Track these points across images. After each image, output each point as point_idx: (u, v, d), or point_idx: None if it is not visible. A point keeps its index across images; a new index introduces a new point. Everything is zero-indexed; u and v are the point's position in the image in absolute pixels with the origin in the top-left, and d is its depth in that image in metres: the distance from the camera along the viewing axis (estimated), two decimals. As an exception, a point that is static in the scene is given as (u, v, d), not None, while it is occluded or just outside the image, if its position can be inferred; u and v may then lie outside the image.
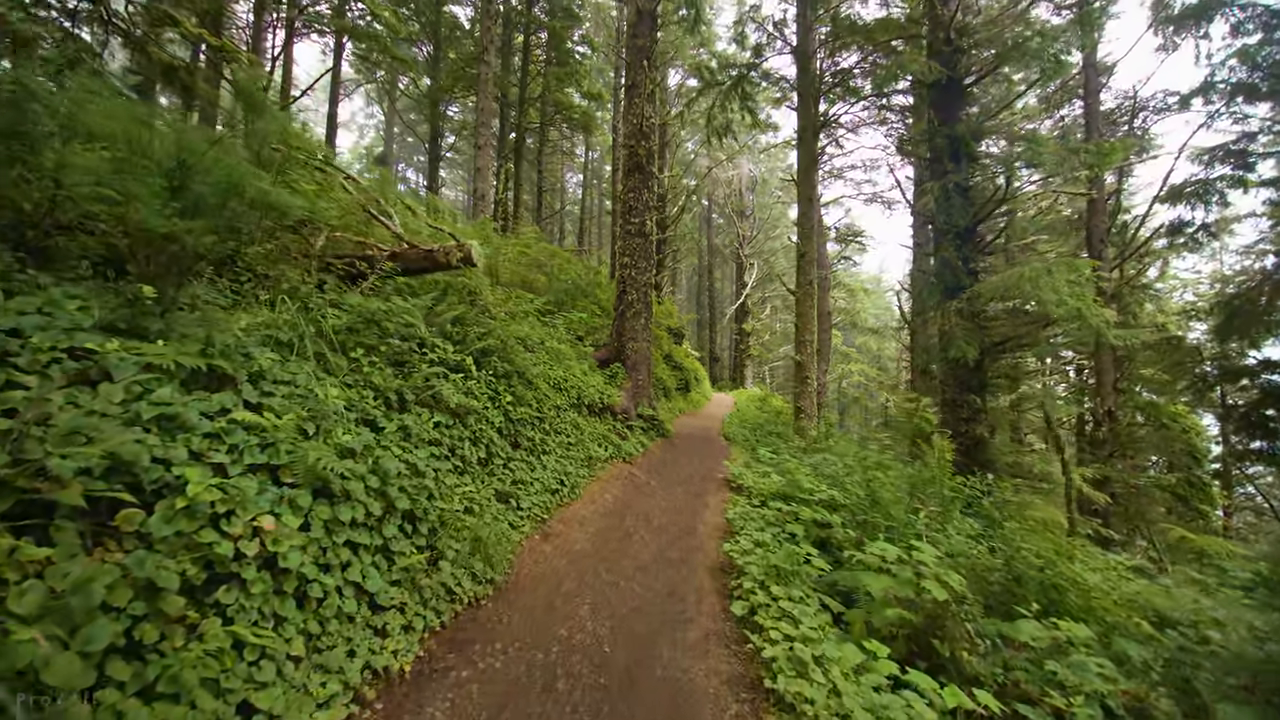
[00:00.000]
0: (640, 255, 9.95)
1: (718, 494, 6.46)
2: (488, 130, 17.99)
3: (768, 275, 36.83)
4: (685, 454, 8.55)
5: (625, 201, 10.15)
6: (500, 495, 4.38)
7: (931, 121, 9.33)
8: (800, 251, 15.29)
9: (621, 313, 9.93)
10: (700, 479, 7.01)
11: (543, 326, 8.21)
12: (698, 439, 10.48)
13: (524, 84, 21.50)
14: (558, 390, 6.68)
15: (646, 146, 10.05)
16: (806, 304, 15.03)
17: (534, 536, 4.28)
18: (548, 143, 30.71)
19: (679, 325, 24.28)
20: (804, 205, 15.43)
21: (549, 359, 7.16)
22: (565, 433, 6.26)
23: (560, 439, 6.04)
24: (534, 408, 5.73)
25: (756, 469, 7.58)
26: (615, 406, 8.14)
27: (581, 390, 7.22)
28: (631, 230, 10.00)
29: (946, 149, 9.03)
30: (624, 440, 7.76)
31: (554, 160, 35.42)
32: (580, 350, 8.72)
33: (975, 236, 8.98)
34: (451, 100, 26.89)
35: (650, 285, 10.04)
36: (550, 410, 6.15)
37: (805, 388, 15.03)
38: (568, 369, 7.32)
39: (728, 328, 39.63)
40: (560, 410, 6.39)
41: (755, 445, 10.74)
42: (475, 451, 4.28)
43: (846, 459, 8.15)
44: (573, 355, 8.11)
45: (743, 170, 32.49)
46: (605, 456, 6.76)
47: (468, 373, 4.90)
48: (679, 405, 15.87)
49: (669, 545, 4.56)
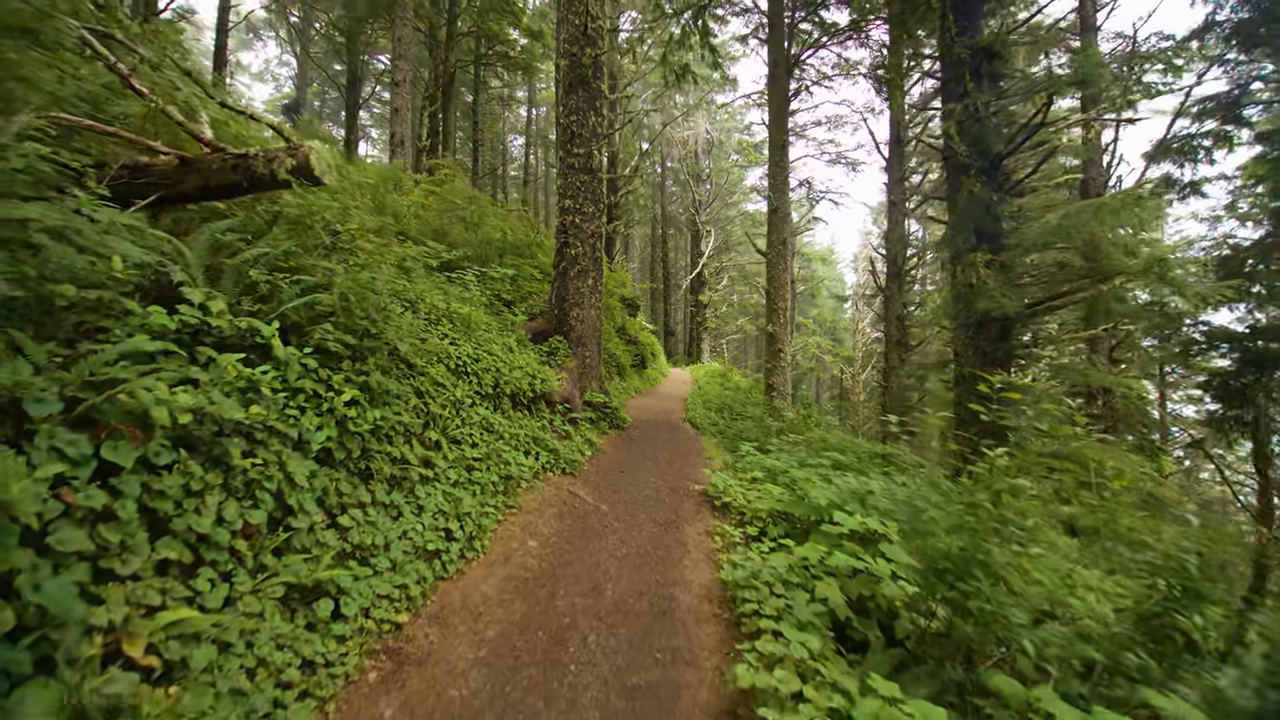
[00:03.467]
0: (586, 196, 7.74)
1: (698, 521, 4.50)
2: (405, 65, 15.17)
3: (724, 244, 35.09)
4: (646, 453, 6.56)
5: (566, 127, 7.87)
6: (300, 595, 2.24)
7: (948, 30, 7.43)
8: (772, 206, 13.37)
9: (563, 271, 7.74)
10: (670, 495, 5.03)
11: (451, 286, 5.95)
12: (660, 428, 8.52)
13: (453, 14, 18.42)
14: (460, 376, 4.51)
15: (592, 54, 7.75)
16: (779, 267, 13.18)
17: (368, 672, 2.18)
18: (485, 90, 27.47)
19: (633, 295, 22.16)
20: (775, 153, 13.46)
21: (452, 330, 4.95)
22: (469, 442, 4.12)
23: (458, 455, 3.90)
24: (408, 407, 3.56)
25: (742, 474, 5.68)
26: (553, 394, 6.03)
27: (502, 374, 5.06)
28: (575, 164, 7.75)
29: (969, 63, 7.17)
30: (565, 441, 5.68)
31: (493, 116, 32.12)
32: (505, 320, 6.52)
33: (1001, 173, 7.22)
34: (373, 41, 23.32)
35: (599, 236, 7.87)
36: (444, 408, 3.98)
37: (778, 362, 13.28)
38: (481, 344, 5.14)
39: (683, 300, 37.85)
40: (461, 407, 4.23)
41: (731, 435, 8.89)
42: (240, 512, 2.12)
43: (851, 455, 6.38)
44: (493, 326, 5.91)
45: (699, 130, 30.25)
46: (534, 471, 4.68)
47: (268, 350, 2.69)
48: (634, 384, 13.86)
49: (635, 660, 2.55)
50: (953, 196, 7.58)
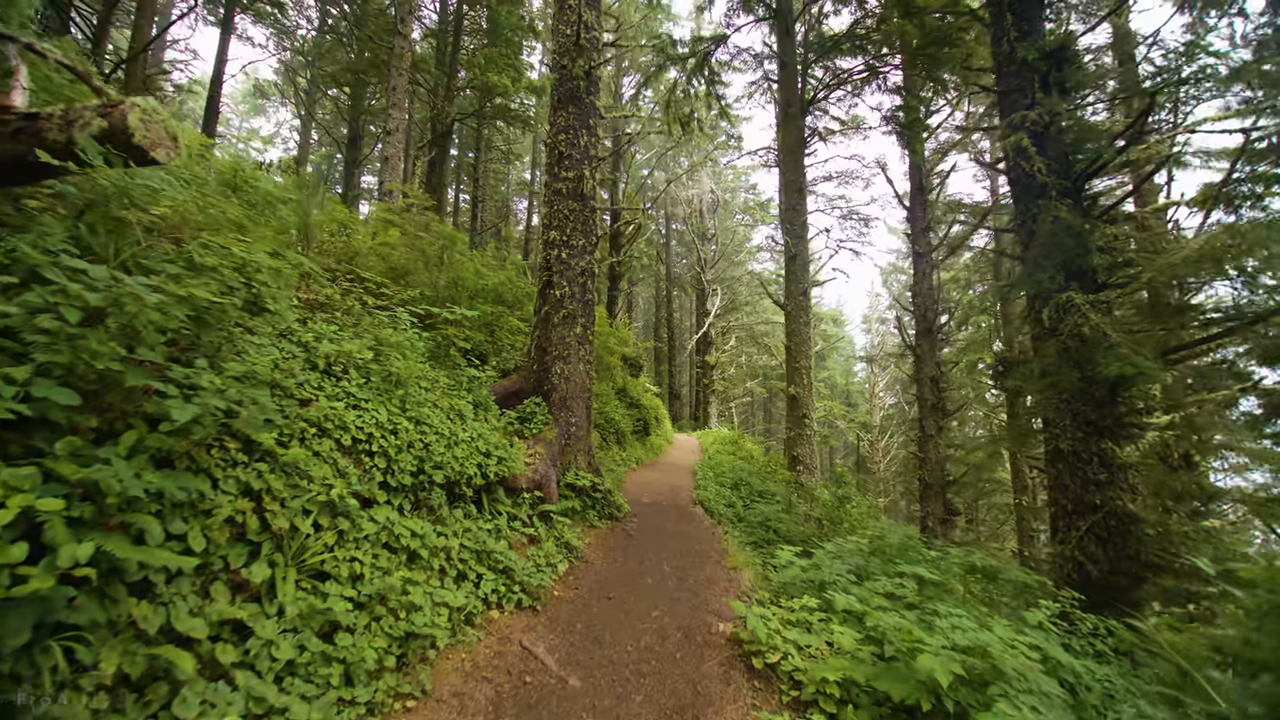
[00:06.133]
0: (576, 227, 6.34)
1: (729, 702, 2.72)
2: (399, 114, 14.47)
3: (731, 304, 34.08)
4: (647, 558, 4.77)
5: (554, 147, 6.59)
6: None
7: (1004, 36, 6.26)
8: (790, 254, 12.04)
9: (545, 317, 6.23)
10: (683, 644, 3.25)
11: (388, 331, 4.39)
12: (665, 514, 6.72)
13: (453, 67, 18.08)
14: (354, 457, 2.87)
15: (585, 66, 6.58)
16: (800, 320, 11.70)
17: None
18: (487, 148, 27.26)
19: (636, 354, 20.65)
20: (791, 197, 12.28)
21: (363, 389, 3.35)
22: (346, 574, 2.43)
23: (307, 607, 2.21)
24: (213, 524, 1.91)
25: (784, 598, 3.90)
26: (518, 479, 4.33)
27: (433, 452, 3.42)
28: (563, 190, 6.41)
29: (1039, 68, 5.95)
30: (531, 548, 3.94)
31: (496, 177, 32.03)
32: (462, 376, 4.91)
33: (1085, 197, 5.84)
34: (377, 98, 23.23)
35: (590, 274, 6.41)
36: (301, 515, 2.33)
37: (802, 430, 11.52)
38: (410, 408, 3.52)
39: (688, 361, 36.46)
40: (337, 513, 2.56)
41: (754, 523, 7.08)
42: None
43: (926, 562, 4.59)
44: (440, 382, 4.31)
45: (704, 188, 29.83)
46: (468, 612, 2.94)
47: None
48: (636, 454, 12.07)
49: None
50: (1024, 225, 6.15)
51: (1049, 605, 3.80)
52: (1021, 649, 2.82)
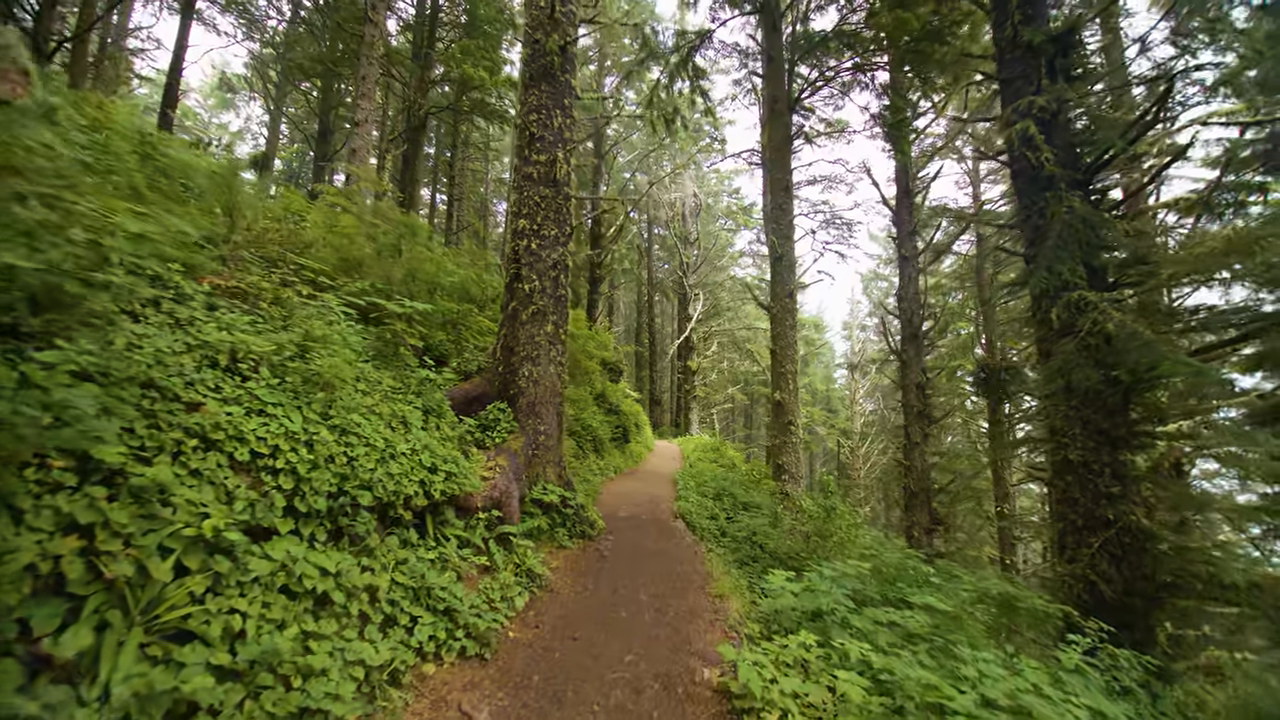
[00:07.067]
0: (548, 216, 5.78)
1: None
2: (367, 104, 13.77)
3: (713, 309, 33.74)
4: (621, 585, 4.21)
5: (526, 128, 6.02)
6: None
7: (1010, 18, 5.89)
8: (775, 254, 11.60)
9: (513, 314, 5.65)
10: (659, 699, 2.70)
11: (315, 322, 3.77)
12: (644, 530, 6.15)
13: (428, 57, 17.40)
14: (254, 476, 2.27)
15: (560, 41, 6.05)
16: (785, 323, 11.25)
17: None
18: (463, 147, 26.52)
19: (616, 359, 20.04)
20: (778, 196, 11.85)
21: (275, 391, 2.75)
22: (220, 632, 1.83)
23: (153, 680, 1.60)
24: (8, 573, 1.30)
25: (783, 640, 3.36)
26: (471, 497, 3.74)
27: (360, 468, 2.83)
28: (534, 174, 5.84)
29: (1048, 50, 5.58)
30: (485, 579, 3.35)
31: (475, 178, 31.26)
32: (411, 378, 4.31)
33: (1094, 189, 5.47)
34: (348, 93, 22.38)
35: (564, 268, 5.85)
36: (162, 555, 1.73)
37: (787, 438, 11.06)
38: (335, 414, 2.92)
39: (669, 367, 35.96)
40: (214, 551, 1.96)
41: (739, 538, 6.56)
42: None
43: (931, 589, 4.10)
44: (381, 384, 3.70)
45: (687, 192, 29.45)
46: (394, 667, 2.35)
47: None
48: (615, 462, 11.48)
49: None
50: (1029, 220, 5.76)
51: (1079, 640, 3.33)
52: (1072, 713, 2.32)
